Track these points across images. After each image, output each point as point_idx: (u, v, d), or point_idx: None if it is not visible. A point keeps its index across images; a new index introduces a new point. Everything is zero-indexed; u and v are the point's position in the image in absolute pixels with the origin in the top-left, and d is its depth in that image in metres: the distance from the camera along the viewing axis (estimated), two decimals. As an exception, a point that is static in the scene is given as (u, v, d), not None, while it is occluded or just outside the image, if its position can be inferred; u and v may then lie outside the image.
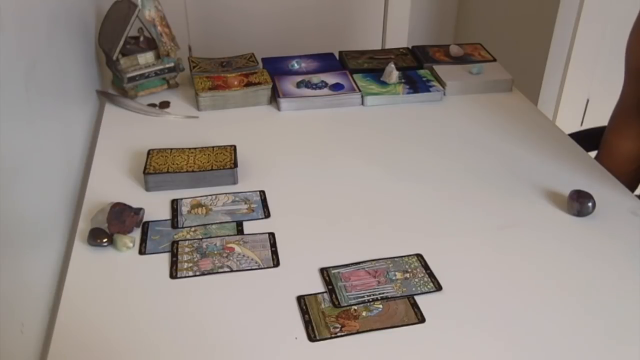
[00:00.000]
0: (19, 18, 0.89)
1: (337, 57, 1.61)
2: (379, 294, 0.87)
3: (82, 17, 1.37)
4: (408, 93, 1.43)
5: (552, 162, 1.21)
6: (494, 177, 1.16)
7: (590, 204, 1.04)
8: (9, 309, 0.74)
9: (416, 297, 0.87)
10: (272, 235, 0.99)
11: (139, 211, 1.00)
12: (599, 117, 1.55)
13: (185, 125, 1.33)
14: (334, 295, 0.87)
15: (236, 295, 0.87)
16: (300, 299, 0.86)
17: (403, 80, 1.47)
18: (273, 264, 0.93)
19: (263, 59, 1.57)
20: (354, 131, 1.32)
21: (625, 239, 1.00)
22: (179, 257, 0.94)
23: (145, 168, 1.10)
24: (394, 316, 0.84)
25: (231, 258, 0.94)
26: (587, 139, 1.37)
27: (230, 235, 0.99)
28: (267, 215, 1.04)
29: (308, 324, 0.82)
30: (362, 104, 1.42)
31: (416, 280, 0.90)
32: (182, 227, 1.00)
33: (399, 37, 2.58)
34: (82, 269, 0.91)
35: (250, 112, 1.38)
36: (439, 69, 1.52)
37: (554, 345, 0.80)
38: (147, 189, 1.09)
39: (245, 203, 1.06)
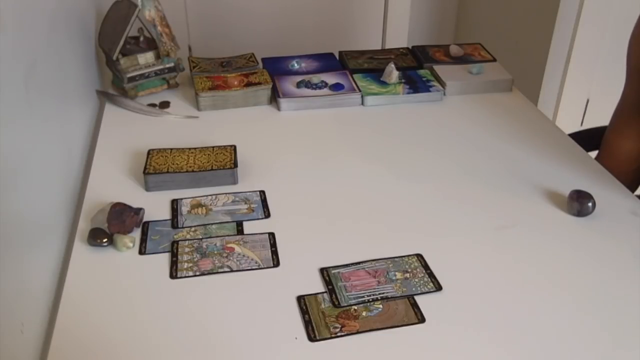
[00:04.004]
0: (19, 18, 0.89)
1: (337, 57, 1.61)
2: (379, 294, 0.87)
3: (82, 17, 1.37)
4: (408, 93, 1.43)
5: (552, 162, 1.21)
6: (494, 177, 1.16)
7: (590, 204, 1.04)
8: (9, 309, 0.74)
9: (416, 297, 0.87)
10: (272, 235, 0.99)
11: (139, 211, 1.00)
12: (599, 117, 1.55)
13: (185, 125, 1.33)
14: (334, 295, 0.87)
15: (236, 296, 0.87)
16: (300, 299, 0.86)
17: (403, 80, 1.47)
18: (273, 264, 0.93)
19: (263, 59, 1.57)
20: (354, 131, 1.32)
21: (625, 239, 1.00)
22: (179, 257, 0.94)
23: (145, 168, 1.10)
24: (394, 316, 0.84)
25: (231, 258, 0.94)
26: (587, 139, 1.37)
27: (230, 235, 0.99)
28: (267, 215, 1.04)
29: (308, 324, 0.82)
30: (362, 104, 1.42)
31: (416, 280, 0.90)
32: (182, 227, 1.00)
33: (399, 37, 2.58)
34: (82, 269, 0.91)
35: (250, 112, 1.38)
36: (439, 69, 1.52)
37: (553, 344, 0.80)
38: (147, 189, 1.09)
39: (245, 203, 1.06)
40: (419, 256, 0.95)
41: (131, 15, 1.34)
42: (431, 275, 0.91)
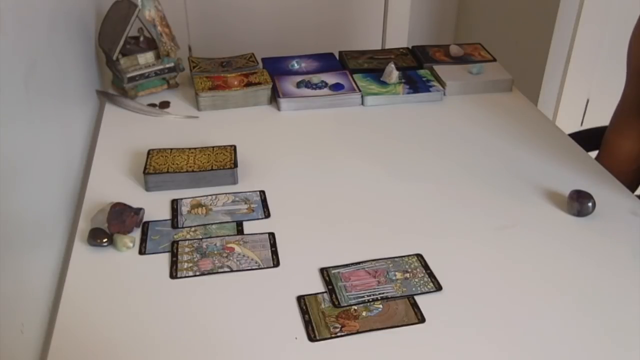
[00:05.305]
0: (19, 18, 0.89)
1: (337, 57, 1.61)
2: (379, 294, 0.87)
3: (82, 17, 1.37)
4: (408, 93, 1.43)
5: (552, 162, 1.21)
6: (494, 177, 1.16)
7: (590, 204, 1.04)
8: (9, 309, 0.74)
9: (416, 297, 0.87)
10: (272, 235, 0.99)
11: (139, 211, 1.00)
12: (599, 117, 1.55)
13: (185, 125, 1.33)
14: (334, 295, 0.87)
15: (236, 296, 0.87)
16: (300, 299, 0.86)
17: (403, 80, 1.47)
18: (273, 264, 0.93)
19: (263, 59, 1.57)
20: (354, 131, 1.32)
21: (625, 239, 1.00)
22: (179, 257, 0.94)
23: (145, 168, 1.10)
24: (394, 316, 0.84)
25: (231, 258, 0.94)
26: (587, 139, 1.37)
27: (230, 235, 0.99)
28: (267, 215, 1.04)
29: (308, 324, 0.82)
30: (362, 104, 1.42)
31: (416, 280, 0.90)
32: (182, 227, 1.00)
33: (399, 37, 2.58)
34: (82, 269, 0.91)
35: (250, 112, 1.38)
36: (439, 69, 1.52)
37: (553, 345, 0.80)
38: (147, 189, 1.09)
39: (245, 203, 1.06)
40: (419, 256, 0.95)
41: (131, 15, 1.34)
42: (431, 275, 0.91)
